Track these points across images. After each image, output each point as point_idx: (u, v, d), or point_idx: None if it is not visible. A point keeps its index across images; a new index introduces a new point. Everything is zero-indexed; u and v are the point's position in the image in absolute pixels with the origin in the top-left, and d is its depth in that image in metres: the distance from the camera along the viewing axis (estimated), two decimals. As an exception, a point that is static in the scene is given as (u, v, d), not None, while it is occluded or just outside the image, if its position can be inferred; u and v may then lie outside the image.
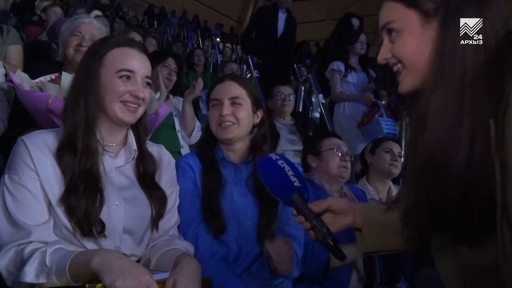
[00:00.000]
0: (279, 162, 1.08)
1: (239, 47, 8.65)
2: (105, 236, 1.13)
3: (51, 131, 1.23)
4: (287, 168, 1.07)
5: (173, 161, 1.40)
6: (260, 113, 1.57)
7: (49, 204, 1.12)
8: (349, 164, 2.07)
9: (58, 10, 4.18)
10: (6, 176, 1.13)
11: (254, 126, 1.56)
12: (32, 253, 1.02)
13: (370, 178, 2.53)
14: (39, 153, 1.14)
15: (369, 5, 16.58)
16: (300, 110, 4.15)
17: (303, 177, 1.08)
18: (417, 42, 0.89)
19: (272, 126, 1.63)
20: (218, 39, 8.61)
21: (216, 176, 1.47)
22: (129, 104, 1.21)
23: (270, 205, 1.44)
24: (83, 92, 1.18)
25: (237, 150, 1.54)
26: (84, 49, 2.06)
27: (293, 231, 1.47)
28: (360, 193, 2.21)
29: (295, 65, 6.02)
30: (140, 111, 1.25)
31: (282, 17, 4.74)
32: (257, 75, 4.34)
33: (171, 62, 2.91)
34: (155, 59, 2.88)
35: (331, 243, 1.00)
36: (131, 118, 1.23)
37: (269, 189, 1.08)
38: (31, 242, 1.04)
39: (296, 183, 1.04)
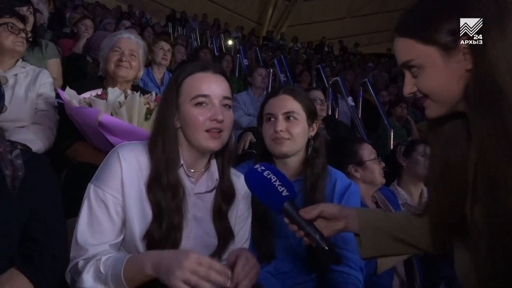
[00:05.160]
0: (265, 174, 1.06)
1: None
2: None
3: (143, 147, 1.19)
4: (273, 178, 1.06)
5: (249, 193, 1.27)
6: (316, 125, 1.53)
7: (123, 225, 1.14)
8: None
9: (88, 22, 4.29)
10: (92, 186, 1.14)
11: (309, 139, 1.51)
12: (87, 261, 1.07)
13: (404, 181, 2.51)
14: (132, 176, 1.14)
15: (389, 1, 16.40)
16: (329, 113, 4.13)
17: (291, 185, 1.07)
18: (442, 76, 0.87)
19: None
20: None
21: None
22: (212, 130, 1.15)
23: None
24: (162, 129, 1.17)
25: (291, 166, 1.50)
26: (125, 64, 2.15)
27: (351, 255, 1.41)
28: (389, 194, 2.20)
29: (319, 66, 6.02)
30: (224, 135, 1.18)
31: None
32: (284, 79, 4.35)
33: None
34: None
35: (326, 248, 1.00)
36: (215, 145, 1.16)
37: (260, 200, 1.09)
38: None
39: (284, 193, 1.04)
